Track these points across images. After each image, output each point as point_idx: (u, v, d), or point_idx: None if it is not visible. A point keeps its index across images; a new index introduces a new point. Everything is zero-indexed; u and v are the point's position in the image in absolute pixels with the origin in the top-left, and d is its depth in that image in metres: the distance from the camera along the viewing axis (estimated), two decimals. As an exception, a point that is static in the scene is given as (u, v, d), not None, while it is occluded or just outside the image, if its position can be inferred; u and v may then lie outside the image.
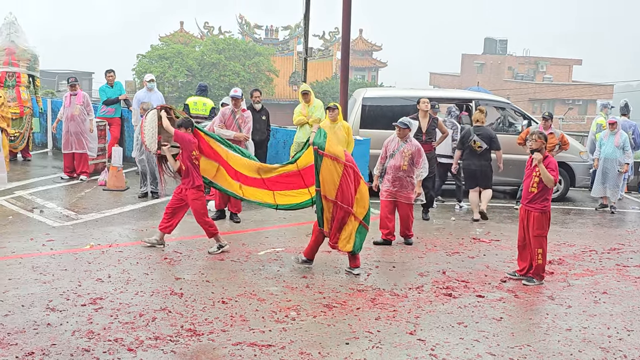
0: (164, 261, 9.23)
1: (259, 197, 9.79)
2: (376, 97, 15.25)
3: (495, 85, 57.89)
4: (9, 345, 6.41)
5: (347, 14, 13.89)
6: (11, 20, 16.63)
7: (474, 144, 12.65)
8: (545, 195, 8.85)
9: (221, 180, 9.90)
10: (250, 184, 9.79)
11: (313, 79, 51.29)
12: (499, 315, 7.73)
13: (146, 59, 51.90)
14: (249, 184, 9.79)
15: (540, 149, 8.88)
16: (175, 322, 7.09)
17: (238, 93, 11.79)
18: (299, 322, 7.27)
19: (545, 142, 8.95)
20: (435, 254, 10.26)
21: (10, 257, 9.15)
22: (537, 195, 8.85)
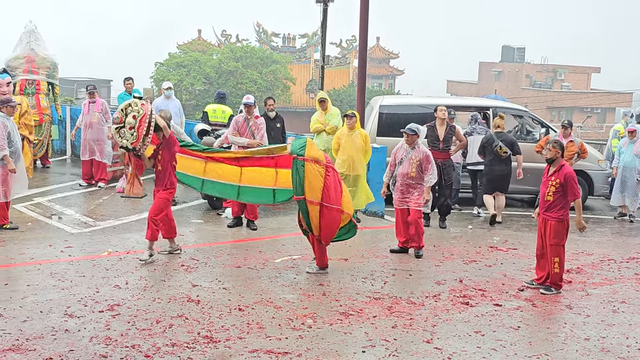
0: (181, 268, 9.26)
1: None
2: (393, 105, 15.24)
3: (512, 93, 57.67)
4: (27, 350, 6.45)
5: (364, 22, 13.90)
6: (31, 28, 16.78)
7: (500, 150, 12.95)
8: (562, 204, 8.80)
9: (213, 173, 9.88)
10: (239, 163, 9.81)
11: (330, 86, 51.32)
12: (516, 324, 7.68)
13: (164, 67, 52.17)
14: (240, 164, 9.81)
15: (555, 158, 8.88)
16: (192, 329, 7.11)
17: (250, 100, 11.82)
18: (315, 329, 7.26)
19: (561, 152, 8.93)
20: (453, 262, 10.22)
21: (29, 263, 9.22)
22: (553, 203, 8.83)
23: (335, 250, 10.49)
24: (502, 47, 70.53)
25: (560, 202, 8.81)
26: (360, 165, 12.14)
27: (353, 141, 12.03)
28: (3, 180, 10.77)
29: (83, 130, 14.66)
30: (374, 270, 9.60)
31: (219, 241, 10.82)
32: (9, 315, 7.30)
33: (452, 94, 65.83)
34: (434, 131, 12.37)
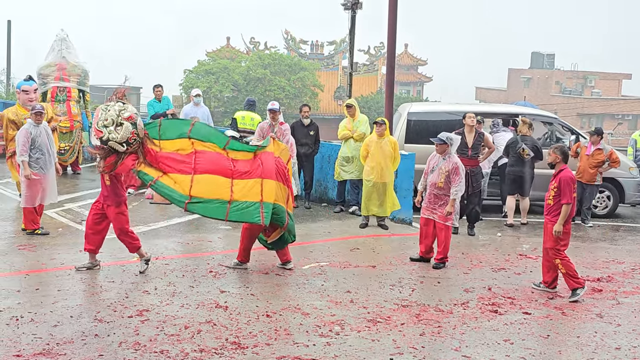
0: (209, 274, 9.30)
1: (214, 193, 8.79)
2: (421, 112, 15.20)
3: (542, 100, 57.27)
4: (58, 355, 6.51)
5: (393, 29, 13.91)
6: (62, 36, 17.01)
7: (523, 152, 13.31)
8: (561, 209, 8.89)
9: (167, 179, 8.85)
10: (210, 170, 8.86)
11: (358, 93, 51.34)
12: (545, 333, 7.61)
13: (193, 74, 52.54)
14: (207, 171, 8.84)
15: (555, 162, 9.11)
16: (220, 335, 7.13)
17: (275, 106, 11.86)
18: (343, 336, 7.25)
19: (561, 157, 9.10)
20: (481, 269, 10.16)
21: (59, 268, 9.31)
22: (553, 207, 9.00)
23: (363, 257, 10.49)
24: (532, 53, 70.11)
25: (559, 206, 8.93)
26: (389, 172, 12.13)
27: (382, 148, 12.02)
28: (28, 186, 10.87)
29: (113, 137, 14.78)
30: (401, 277, 9.57)
31: (247, 247, 10.85)
32: (40, 319, 7.38)
33: (481, 100, 65.55)
34: (463, 138, 12.31)
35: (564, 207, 8.89)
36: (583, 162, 13.73)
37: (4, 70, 43.63)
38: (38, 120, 11.03)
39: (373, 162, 12.08)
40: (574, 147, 14.00)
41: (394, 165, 12.25)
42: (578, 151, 13.90)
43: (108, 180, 9.01)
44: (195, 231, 11.81)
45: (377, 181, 12.07)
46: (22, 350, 6.60)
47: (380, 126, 12.06)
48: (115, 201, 9.08)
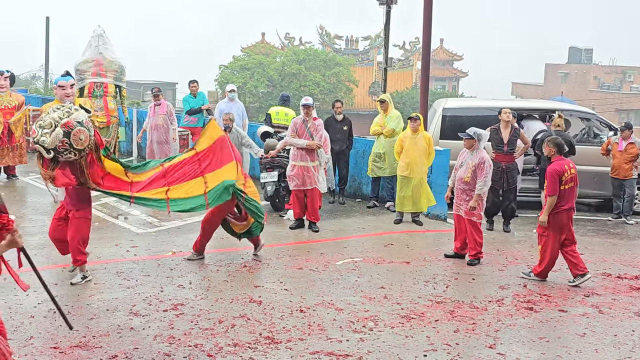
0: (244, 269, 9.34)
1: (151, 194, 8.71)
2: (457, 108, 15.10)
3: (580, 96, 56.53)
4: (94, 348, 6.59)
5: (428, 24, 13.83)
6: (100, 32, 17.16)
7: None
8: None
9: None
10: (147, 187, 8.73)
11: (393, 89, 51.15)
12: (582, 331, 7.52)
13: (228, 70, 52.76)
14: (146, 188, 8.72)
15: (550, 155, 9.26)
16: (253, 330, 7.16)
17: (309, 101, 11.84)
18: (376, 332, 7.24)
19: (555, 149, 9.23)
20: (517, 266, 10.06)
21: (95, 262, 9.42)
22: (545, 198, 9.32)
23: (397, 253, 10.46)
24: (569, 48, 69.19)
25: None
26: (423, 168, 12.07)
27: (416, 144, 11.97)
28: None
29: (149, 132, 14.92)
30: (436, 273, 9.52)
31: (281, 242, 10.88)
32: (77, 313, 7.48)
33: (517, 96, 64.86)
34: (498, 134, 12.21)
35: (548, 198, 9.15)
36: (617, 159, 13.54)
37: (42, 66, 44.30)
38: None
39: (407, 158, 12.03)
40: (604, 145, 13.84)
41: (428, 161, 12.18)
42: (609, 148, 13.71)
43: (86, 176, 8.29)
44: (230, 226, 11.85)
45: (412, 177, 12.02)
46: (59, 342, 6.69)
47: (415, 121, 12.01)
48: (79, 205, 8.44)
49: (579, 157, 14.26)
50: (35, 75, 53.32)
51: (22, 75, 48.25)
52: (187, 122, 16.22)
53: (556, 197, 9.10)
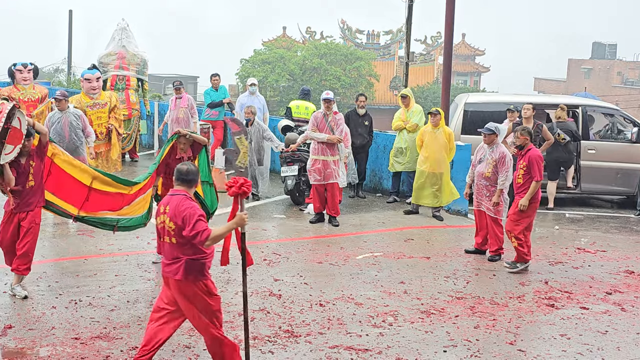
0: (264, 262, 9.35)
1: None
2: (479, 103, 15.00)
3: (603, 91, 56.00)
4: (114, 339, 6.64)
5: (450, 18, 13.75)
6: (123, 26, 17.28)
7: (558, 137, 13.49)
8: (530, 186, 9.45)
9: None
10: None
11: (414, 83, 50.94)
12: (604, 329, 7.46)
13: (249, 64, 52.81)
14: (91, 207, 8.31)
15: (524, 144, 9.58)
16: (273, 323, 7.17)
17: (330, 95, 11.84)
18: (396, 327, 7.23)
19: (529, 138, 9.62)
20: (538, 263, 9.99)
21: (117, 254, 9.48)
22: (522, 185, 9.55)
23: (417, 248, 10.42)
24: (593, 43, 68.56)
25: (528, 184, 9.47)
26: (444, 162, 12.02)
27: (437, 138, 11.92)
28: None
29: (170, 125, 14.97)
30: (456, 269, 9.48)
31: (301, 236, 10.88)
32: (98, 304, 7.53)
33: (540, 91, 64.36)
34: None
35: (533, 183, 9.42)
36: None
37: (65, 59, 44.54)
38: (59, 107, 11.34)
39: (427, 152, 12.00)
40: None
41: (449, 156, 12.13)
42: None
43: (33, 181, 7.75)
44: (250, 219, 11.83)
45: (431, 171, 11.97)
46: (80, 333, 6.74)
47: (435, 116, 11.96)
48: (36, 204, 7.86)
49: (602, 153, 14.19)
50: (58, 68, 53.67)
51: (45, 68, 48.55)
52: (208, 115, 16.25)
53: (540, 183, 9.51)
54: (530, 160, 9.46)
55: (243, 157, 6.71)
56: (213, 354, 5.89)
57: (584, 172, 14.18)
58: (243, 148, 6.73)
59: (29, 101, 15.12)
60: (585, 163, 14.20)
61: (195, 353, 6.40)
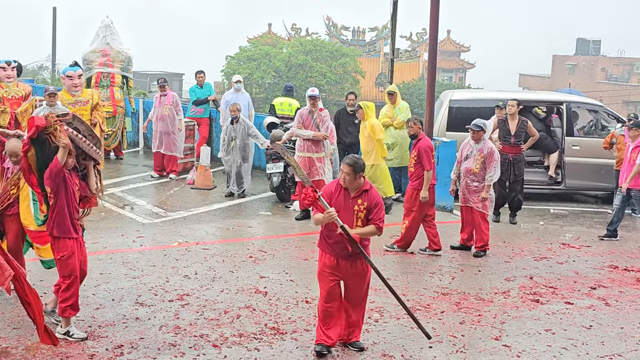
0: (249, 260, 9.34)
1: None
2: (464, 100, 15.03)
3: (587, 87, 56.25)
4: (99, 337, 6.61)
5: (435, 15, 13.72)
6: (107, 23, 17.18)
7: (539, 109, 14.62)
8: (420, 174, 9.86)
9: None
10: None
11: (400, 80, 50.97)
12: (588, 323, 7.50)
13: (235, 61, 52.66)
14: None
15: (416, 133, 9.96)
16: (259, 320, 7.17)
17: (315, 92, 11.85)
18: (382, 323, 7.24)
19: (421, 126, 10.07)
20: (523, 258, 10.04)
21: (102, 252, 9.44)
22: (413, 174, 9.98)
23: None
24: (577, 39, 68.89)
25: (419, 173, 9.89)
26: (373, 154, 11.94)
27: (362, 133, 11.98)
28: None
29: (154, 122, 14.90)
30: (442, 265, 9.51)
31: (287, 233, 10.88)
32: (82, 302, 7.47)
33: (525, 87, 64.60)
34: (506, 125, 12.17)
35: (425, 174, 9.80)
36: (623, 151, 13.38)
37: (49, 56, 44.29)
38: (51, 102, 11.32)
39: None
40: (607, 137, 13.70)
41: (379, 149, 12.05)
42: (613, 141, 13.57)
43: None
44: (236, 217, 11.86)
45: (371, 163, 11.89)
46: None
47: (358, 111, 12.07)
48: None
49: (586, 150, 14.25)
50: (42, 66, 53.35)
51: (30, 65, 48.23)
52: (194, 112, 16.21)
53: (431, 172, 9.89)
54: (419, 151, 9.85)
55: (299, 170, 6.72)
56: None
57: (568, 168, 14.24)
58: (294, 163, 6.73)
59: (12, 99, 15.00)
60: (569, 159, 14.25)
61: (180, 351, 6.38)
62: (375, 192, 6.45)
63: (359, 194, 6.39)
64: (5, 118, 14.95)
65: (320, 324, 6.47)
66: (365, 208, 6.36)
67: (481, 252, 10.03)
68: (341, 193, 6.44)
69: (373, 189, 6.47)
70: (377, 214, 6.37)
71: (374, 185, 8.62)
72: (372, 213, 6.37)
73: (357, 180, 6.37)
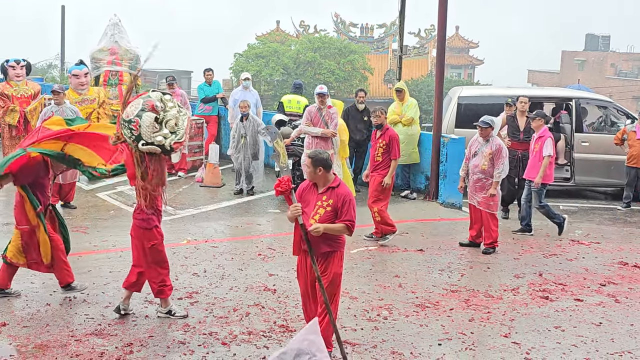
0: (258, 257, 9.35)
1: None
2: (472, 96, 15.00)
3: (597, 83, 56.01)
4: (109, 335, 6.63)
5: (443, 11, 13.70)
6: (115, 21, 17.19)
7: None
8: (388, 163, 10.23)
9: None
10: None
11: (408, 76, 50.88)
12: (598, 320, 7.48)
13: (243, 58, 52.68)
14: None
15: (382, 123, 10.26)
16: (268, 318, 7.17)
17: (324, 90, 11.85)
18: (391, 321, 7.23)
19: (386, 117, 10.40)
20: (532, 255, 10.01)
21: (111, 250, 9.46)
22: (381, 163, 10.29)
23: (411, 242, 10.44)
24: (586, 35, 68.58)
25: (387, 162, 10.24)
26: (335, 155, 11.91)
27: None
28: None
29: (163, 120, 14.91)
30: (450, 262, 9.49)
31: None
32: (92, 300, 7.52)
33: (534, 84, 64.37)
34: (515, 122, 12.14)
35: (393, 162, 10.24)
36: (636, 147, 13.34)
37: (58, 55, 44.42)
38: (57, 100, 11.39)
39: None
40: (618, 134, 13.64)
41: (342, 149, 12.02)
42: (624, 138, 13.52)
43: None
44: (245, 214, 11.88)
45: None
46: (74, 330, 6.74)
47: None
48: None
49: (595, 146, 14.20)
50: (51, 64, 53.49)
51: (39, 63, 48.38)
52: (202, 110, 16.23)
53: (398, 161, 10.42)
54: (391, 139, 10.20)
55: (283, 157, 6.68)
56: None
57: (577, 164, 14.20)
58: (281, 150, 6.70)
59: (21, 97, 15.05)
60: (578, 155, 14.22)
61: (190, 349, 6.39)
62: (344, 190, 6.18)
63: (325, 190, 6.19)
64: (14, 117, 15.00)
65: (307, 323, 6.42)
66: (329, 205, 6.11)
67: (490, 249, 10.01)
68: (311, 188, 6.30)
69: (342, 187, 6.21)
70: (346, 213, 6.08)
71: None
72: (341, 211, 6.10)
73: (319, 175, 6.17)
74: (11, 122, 15.06)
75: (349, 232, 6.15)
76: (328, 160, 6.19)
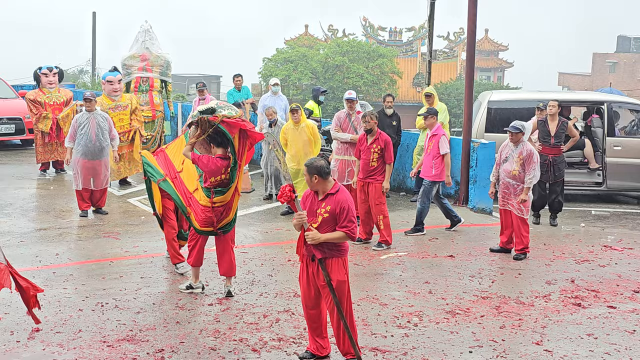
0: (288, 263, 9.37)
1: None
2: (502, 100, 14.90)
3: (629, 86, 55.41)
4: (140, 341, 6.68)
5: (473, 14, 13.63)
6: (146, 28, 17.35)
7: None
8: (384, 168, 10.29)
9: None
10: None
11: (437, 80, 50.73)
12: (632, 328, 7.39)
13: (272, 63, 52.88)
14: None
15: (373, 128, 10.23)
16: (298, 324, 7.18)
17: (352, 95, 11.83)
18: (421, 328, 7.20)
19: (378, 122, 10.36)
20: (564, 261, 9.92)
21: (142, 256, 9.54)
22: (376, 168, 10.28)
23: (441, 247, 10.39)
24: (618, 37, 67.90)
25: (382, 167, 10.29)
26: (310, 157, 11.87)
27: (300, 135, 11.91)
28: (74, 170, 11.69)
29: (193, 126, 15.01)
30: (481, 268, 9.43)
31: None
32: (124, 306, 7.58)
33: (564, 87, 63.87)
34: (546, 126, 12.03)
35: (388, 166, 10.32)
36: None
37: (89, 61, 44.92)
38: (88, 107, 11.58)
39: (292, 150, 11.95)
40: None
41: (315, 149, 11.99)
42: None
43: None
44: (274, 220, 11.90)
45: (300, 168, 11.78)
46: (106, 335, 6.79)
47: (295, 113, 11.92)
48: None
49: (628, 150, 14.04)
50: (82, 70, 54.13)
51: (70, 69, 49.01)
52: (232, 116, 16.30)
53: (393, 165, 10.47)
54: (386, 144, 10.23)
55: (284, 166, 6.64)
56: None
57: (609, 168, 14.05)
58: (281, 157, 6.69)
59: (54, 104, 15.27)
60: (611, 160, 14.06)
61: (220, 355, 6.42)
62: (343, 196, 6.18)
63: (324, 197, 6.24)
64: (47, 124, 15.22)
65: (308, 329, 6.46)
66: (327, 212, 6.16)
67: (521, 255, 9.94)
68: (313, 196, 6.35)
69: (341, 193, 6.22)
70: (344, 219, 6.10)
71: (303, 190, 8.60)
72: (339, 218, 6.13)
73: (315, 183, 6.24)
74: (44, 129, 15.27)
75: (349, 239, 6.20)
76: (323, 168, 6.22)
